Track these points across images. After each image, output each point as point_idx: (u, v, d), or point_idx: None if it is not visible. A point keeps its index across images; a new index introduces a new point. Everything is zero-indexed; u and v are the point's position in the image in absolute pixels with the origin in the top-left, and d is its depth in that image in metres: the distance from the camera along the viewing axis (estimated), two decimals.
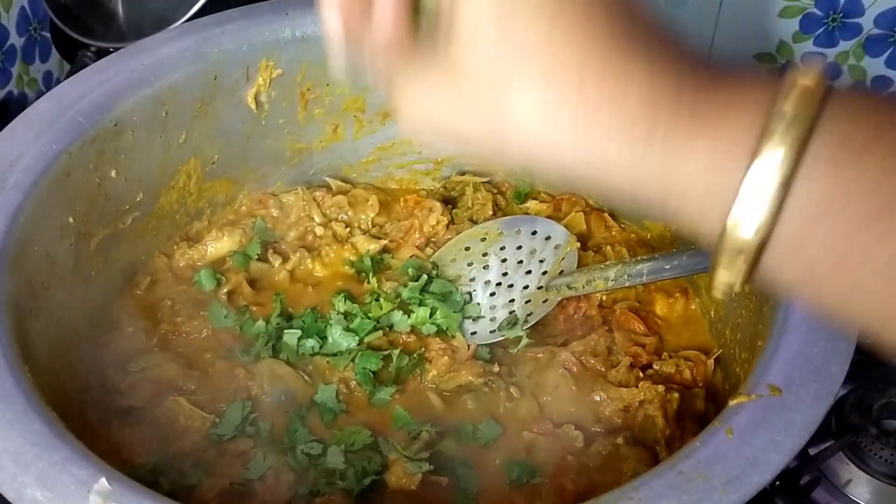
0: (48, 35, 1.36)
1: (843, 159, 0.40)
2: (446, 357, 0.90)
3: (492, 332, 0.95)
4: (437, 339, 0.92)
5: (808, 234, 0.42)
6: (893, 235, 0.40)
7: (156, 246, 0.99)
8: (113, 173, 0.89)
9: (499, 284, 0.98)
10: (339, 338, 0.91)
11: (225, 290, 0.96)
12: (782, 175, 0.41)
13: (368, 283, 0.98)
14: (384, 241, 1.03)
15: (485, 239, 1.01)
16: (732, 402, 0.65)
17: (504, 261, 0.99)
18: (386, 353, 0.90)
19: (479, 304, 0.97)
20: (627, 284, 0.87)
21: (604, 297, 0.96)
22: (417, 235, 1.04)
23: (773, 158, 0.41)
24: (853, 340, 0.69)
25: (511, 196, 1.10)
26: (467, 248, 1.01)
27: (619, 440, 0.81)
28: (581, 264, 0.97)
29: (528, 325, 0.94)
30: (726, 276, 0.44)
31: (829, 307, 0.44)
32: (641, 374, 0.88)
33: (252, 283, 0.98)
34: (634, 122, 0.44)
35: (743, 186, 0.42)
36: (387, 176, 1.13)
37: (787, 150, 0.41)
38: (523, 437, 0.84)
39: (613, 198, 0.48)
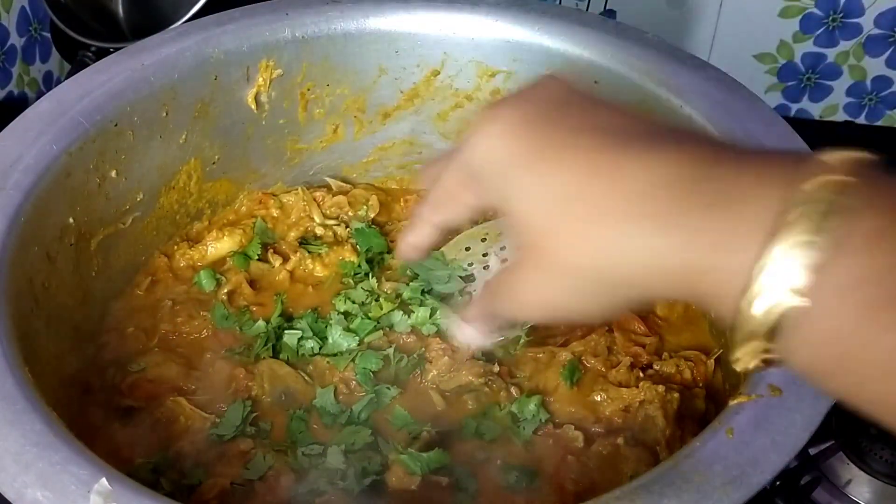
0: (48, 35, 1.37)
1: (855, 247, 0.40)
2: (447, 357, 0.90)
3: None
4: (438, 339, 0.92)
5: (815, 322, 0.41)
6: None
7: (156, 246, 0.99)
8: (113, 173, 0.89)
9: None
10: (339, 338, 0.91)
11: (225, 291, 0.96)
12: (795, 260, 0.41)
13: (368, 283, 0.98)
14: (384, 242, 1.03)
15: (485, 239, 1.01)
16: (733, 402, 0.65)
17: (505, 261, 0.99)
18: (385, 353, 0.90)
19: None
20: None
21: None
22: None
23: (787, 243, 0.41)
24: None
25: None
26: (467, 249, 1.01)
27: (620, 440, 0.81)
28: None
29: (528, 325, 0.94)
30: (742, 356, 0.45)
31: (838, 394, 0.44)
32: (642, 375, 0.88)
33: (252, 283, 0.98)
34: (655, 199, 0.46)
35: (756, 269, 0.42)
36: (387, 176, 1.13)
37: (801, 233, 0.41)
38: None
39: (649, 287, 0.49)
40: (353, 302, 0.95)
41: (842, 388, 0.43)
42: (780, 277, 0.41)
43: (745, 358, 0.45)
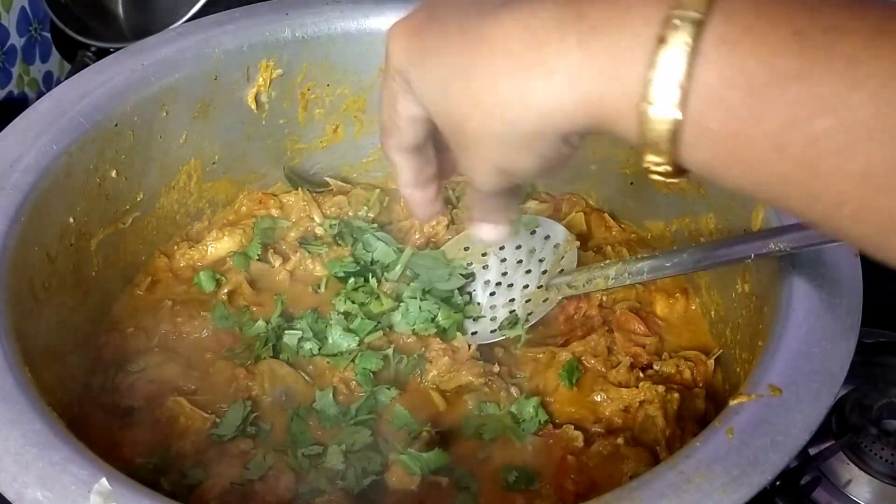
0: (48, 35, 1.37)
1: (733, 39, 0.43)
2: (447, 357, 0.90)
3: (492, 331, 0.94)
4: (438, 339, 0.92)
5: (709, 115, 0.44)
6: (781, 104, 0.41)
7: (156, 246, 1.00)
8: (113, 173, 0.89)
9: (499, 284, 0.98)
10: (339, 338, 0.90)
11: (225, 291, 0.96)
12: (680, 63, 0.43)
13: (367, 282, 0.98)
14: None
15: None
16: (733, 402, 0.65)
17: (504, 260, 0.99)
18: (385, 353, 0.90)
19: (479, 303, 0.97)
20: (628, 283, 0.87)
21: (604, 298, 0.96)
22: (417, 236, 1.04)
23: (670, 49, 0.43)
24: (854, 340, 0.69)
25: None
26: (467, 248, 1.01)
27: (619, 440, 0.81)
28: (581, 265, 0.97)
29: (529, 325, 0.94)
30: (650, 164, 0.48)
31: (739, 186, 0.46)
32: (642, 375, 0.88)
33: (252, 283, 0.98)
34: (528, 50, 0.48)
35: (645, 78, 0.44)
36: (387, 176, 1.13)
37: (681, 37, 0.43)
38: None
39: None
40: (353, 302, 0.95)
41: (742, 175, 0.45)
42: (669, 79, 0.44)
43: (652, 166, 0.48)
